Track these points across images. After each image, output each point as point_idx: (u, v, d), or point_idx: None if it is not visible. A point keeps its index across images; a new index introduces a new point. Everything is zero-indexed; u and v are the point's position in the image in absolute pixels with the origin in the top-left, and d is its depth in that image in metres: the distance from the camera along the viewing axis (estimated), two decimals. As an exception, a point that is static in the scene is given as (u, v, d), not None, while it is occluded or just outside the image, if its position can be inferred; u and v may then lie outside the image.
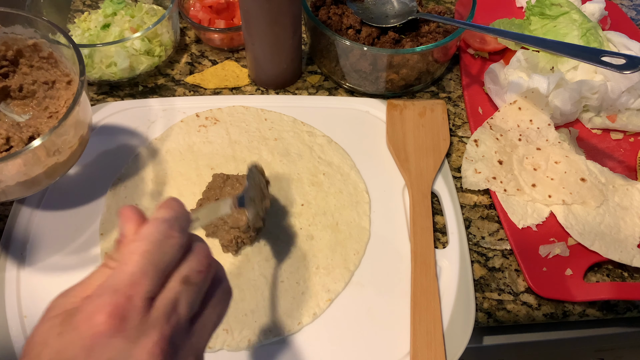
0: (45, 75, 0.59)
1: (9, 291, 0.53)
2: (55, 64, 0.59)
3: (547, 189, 0.60)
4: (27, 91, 0.60)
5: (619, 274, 0.57)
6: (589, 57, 0.53)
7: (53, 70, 0.59)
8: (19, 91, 0.60)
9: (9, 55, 0.58)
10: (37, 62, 0.59)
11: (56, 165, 0.51)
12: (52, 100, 0.59)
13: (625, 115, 0.67)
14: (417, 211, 0.58)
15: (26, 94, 0.60)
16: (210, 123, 0.66)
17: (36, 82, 0.60)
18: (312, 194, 0.60)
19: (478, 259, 0.58)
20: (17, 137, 0.55)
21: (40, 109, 0.60)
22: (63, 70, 0.59)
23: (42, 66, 0.59)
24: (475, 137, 0.65)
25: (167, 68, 0.75)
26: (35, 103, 0.60)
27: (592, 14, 0.75)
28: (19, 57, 0.59)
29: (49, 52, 0.58)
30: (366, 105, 0.69)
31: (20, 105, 0.61)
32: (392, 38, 0.70)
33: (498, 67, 0.70)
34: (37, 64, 0.59)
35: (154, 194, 0.60)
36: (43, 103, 0.60)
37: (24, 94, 0.60)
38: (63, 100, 0.58)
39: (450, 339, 0.50)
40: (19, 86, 0.60)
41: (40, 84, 0.60)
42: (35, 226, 0.57)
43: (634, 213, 0.59)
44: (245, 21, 0.64)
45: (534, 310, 0.55)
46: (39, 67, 0.59)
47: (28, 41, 0.58)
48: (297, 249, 0.56)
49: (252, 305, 0.52)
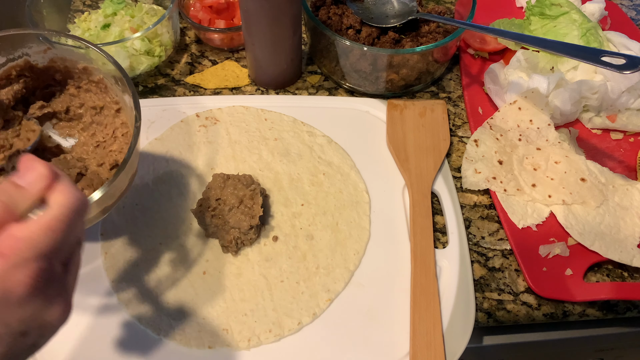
0: (94, 99, 0.57)
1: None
2: (105, 90, 0.56)
3: (547, 189, 0.60)
4: (74, 114, 0.57)
5: (619, 274, 0.57)
6: (589, 57, 0.53)
7: (102, 95, 0.56)
8: (65, 113, 0.57)
9: (57, 76, 0.56)
10: (85, 84, 0.56)
11: (105, 209, 0.49)
12: (100, 127, 0.57)
13: (625, 115, 0.67)
14: (417, 211, 0.58)
15: (72, 117, 0.58)
16: (210, 123, 0.66)
17: (83, 105, 0.57)
18: (312, 194, 0.60)
19: (478, 259, 0.58)
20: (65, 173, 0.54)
21: (87, 134, 0.57)
22: (113, 98, 0.56)
23: (91, 89, 0.57)
24: (475, 137, 0.65)
25: (167, 68, 0.75)
26: (82, 127, 0.57)
27: (592, 14, 0.75)
28: (67, 77, 0.57)
29: (99, 78, 0.55)
30: (366, 105, 0.69)
31: (65, 127, 0.58)
32: (392, 38, 0.70)
33: (498, 67, 0.70)
34: (85, 86, 0.57)
35: (153, 194, 0.60)
36: (90, 129, 0.57)
37: (70, 116, 0.58)
38: (111, 129, 0.56)
39: (450, 339, 0.50)
40: (66, 108, 0.57)
41: (88, 108, 0.57)
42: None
43: (634, 213, 0.59)
44: (245, 21, 0.64)
45: (534, 310, 0.55)
46: (87, 89, 0.57)
47: (78, 64, 0.55)
48: (297, 249, 0.56)
49: (251, 305, 0.52)
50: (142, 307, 0.52)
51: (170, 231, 0.57)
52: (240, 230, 0.55)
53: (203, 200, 0.57)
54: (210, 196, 0.56)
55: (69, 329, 0.50)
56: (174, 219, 0.58)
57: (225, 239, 0.55)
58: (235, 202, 0.55)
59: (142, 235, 0.57)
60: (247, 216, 0.55)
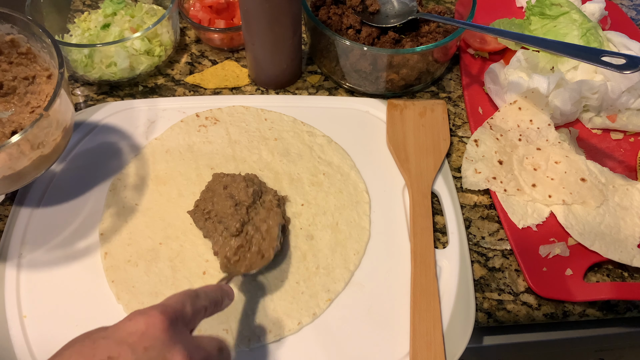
0: (25, 70, 0.59)
1: (9, 291, 0.53)
2: (34, 59, 0.59)
3: (547, 189, 0.60)
4: (8, 88, 0.59)
5: (619, 274, 0.57)
6: (589, 57, 0.53)
7: (32, 65, 0.59)
8: (0, 89, 0.60)
9: None
10: (15, 58, 0.59)
11: (41, 158, 0.51)
12: (34, 96, 0.59)
13: (625, 115, 0.67)
14: (417, 211, 0.58)
15: (7, 91, 0.60)
16: (210, 123, 0.66)
17: (16, 78, 0.59)
18: (312, 194, 0.60)
19: (478, 259, 0.58)
20: (0, 132, 0.55)
21: (22, 104, 0.59)
22: (42, 65, 0.58)
23: (22, 62, 0.59)
24: (475, 137, 0.65)
25: (167, 68, 0.75)
26: (17, 99, 0.60)
27: (592, 14, 0.75)
28: None
29: (27, 48, 0.58)
30: (366, 105, 0.69)
31: (2, 103, 0.60)
32: (392, 38, 0.70)
33: (498, 67, 0.70)
34: (16, 60, 0.59)
35: (153, 194, 0.60)
36: (25, 99, 0.59)
37: (5, 90, 0.60)
38: (44, 95, 0.58)
39: (450, 339, 0.50)
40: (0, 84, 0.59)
41: (20, 79, 0.59)
42: (34, 226, 0.57)
43: (634, 213, 0.59)
44: (245, 21, 0.64)
45: (534, 310, 0.55)
46: (18, 63, 0.59)
47: (5, 37, 0.57)
48: (297, 249, 0.56)
49: (252, 306, 0.52)
50: (142, 307, 0.52)
51: (170, 231, 0.57)
52: (227, 246, 0.52)
53: (200, 202, 0.56)
54: (207, 197, 0.56)
55: (68, 329, 0.50)
56: (174, 220, 0.58)
57: (214, 248, 0.54)
58: (228, 210, 0.53)
59: (142, 235, 0.57)
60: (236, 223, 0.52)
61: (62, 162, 0.63)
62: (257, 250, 0.51)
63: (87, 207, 0.59)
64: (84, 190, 0.60)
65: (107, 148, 0.64)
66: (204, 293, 0.40)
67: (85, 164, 0.63)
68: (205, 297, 0.40)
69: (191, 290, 0.39)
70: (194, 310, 0.38)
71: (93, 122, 0.66)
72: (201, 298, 0.39)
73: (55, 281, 0.54)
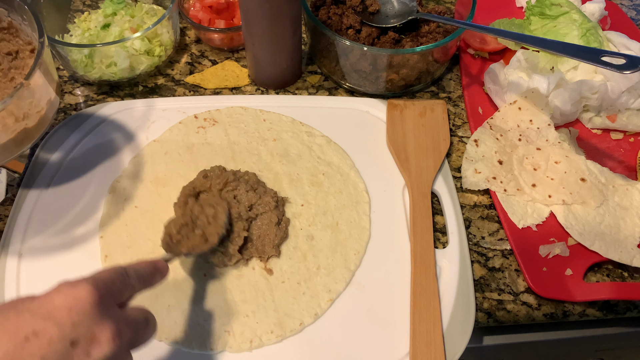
0: (8, 46, 0.58)
1: (9, 292, 0.53)
2: (17, 33, 0.58)
3: (547, 189, 0.60)
4: None
5: (619, 274, 0.57)
6: (589, 57, 0.53)
7: (15, 40, 0.58)
8: None
9: None
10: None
11: (26, 130, 0.50)
12: (18, 71, 0.58)
13: (625, 115, 0.67)
14: (417, 211, 0.58)
15: None
16: (208, 124, 0.66)
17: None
18: (311, 194, 0.60)
19: (478, 259, 0.58)
20: None
21: (6, 80, 0.59)
22: (25, 39, 0.58)
23: (4, 37, 0.58)
24: (475, 137, 0.65)
25: (167, 68, 0.75)
26: (1, 75, 0.59)
27: (592, 14, 0.75)
28: None
29: (9, 22, 0.57)
30: (366, 105, 0.69)
31: None
32: (392, 38, 0.70)
33: (498, 67, 0.70)
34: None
35: (153, 195, 0.60)
36: (9, 74, 0.59)
37: None
38: (28, 69, 0.57)
39: (450, 339, 0.51)
40: None
41: (3, 55, 0.58)
42: (34, 227, 0.57)
43: (634, 213, 0.59)
44: (245, 21, 0.64)
45: (534, 310, 0.55)
46: (0, 38, 0.58)
47: None
48: (297, 249, 0.56)
49: (253, 307, 0.52)
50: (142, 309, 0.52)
51: (170, 232, 0.57)
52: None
53: (180, 201, 0.57)
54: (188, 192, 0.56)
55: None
56: (174, 220, 0.58)
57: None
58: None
59: (142, 237, 0.57)
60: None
61: (61, 163, 0.63)
62: (201, 234, 0.51)
63: (86, 208, 0.59)
64: (82, 191, 0.60)
65: (107, 148, 0.64)
66: (133, 270, 0.39)
67: (85, 165, 0.62)
68: (134, 274, 0.39)
69: (120, 266, 0.38)
70: (122, 286, 0.37)
71: (93, 123, 0.66)
72: (130, 276, 0.38)
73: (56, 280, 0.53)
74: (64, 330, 0.31)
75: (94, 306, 0.33)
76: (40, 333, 0.30)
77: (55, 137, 0.65)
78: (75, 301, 0.32)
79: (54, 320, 0.31)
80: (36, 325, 0.30)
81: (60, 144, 0.64)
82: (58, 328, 0.31)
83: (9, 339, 0.29)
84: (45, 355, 0.30)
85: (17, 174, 0.63)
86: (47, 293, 0.33)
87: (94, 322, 0.32)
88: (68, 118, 0.67)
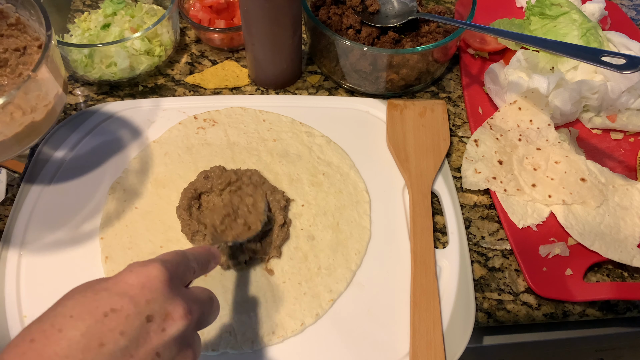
0: (16, 42, 0.58)
1: (9, 292, 0.53)
2: (24, 29, 0.58)
3: (547, 189, 0.60)
4: (0, 60, 0.59)
5: (619, 274, 0.57)
6: (589, 57, 0.53)
7: (23, 36, 0.58)
8: None
9: None
10: (5, 30, 0.58)
11: (33, 124, 0.50)
12: (26, 67, 0.58)
13: (625, 115, 0.67)
14: (417, 211, 0.58)
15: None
16: (208, 125, 0.66)
17: (7, 50, 0.58)
18: (312, 194, 0.60)
19: (478, 259, 0.58)
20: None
21: (15, 76, 0.59)
22: (32, 35, 0.58)
23: (12, 33, 0.58)
24: (475, 137, 0.65)
25: (167, 68, 0.75)
26: (9, 71, 0.59)
27: (592, 14, 0.75)
28: None
29: (16, 18, 0.57)
30: (366, 105, 0.69)
31: None
32: (392, 38, 0.70)
33: (498, 67, 0.70)
34: (6, 32, 0.58)
35: (153, 197, 0.60)
36: (17, 70, 0.59)
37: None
38: None
39: (450, 339, 0.51)
40: None
41: (11, 51, 0.58)
42: (33, 227, 0.57)
43: (634, 213, 0.59)
44: (245, 21, 0.64)
45: (534, 310, 0.55)
46: (8, 34, 0.58)
47: None
48: (298, 250, 0.56)
49: (255, 307, 0.52)
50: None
51: (170, 234, 0.57)
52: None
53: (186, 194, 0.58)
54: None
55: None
56: (174, 223, 0.58)
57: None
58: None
59: (143, 239, 0.57)
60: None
61: (62, 162, 0.63)
62: (244, 222, 0.53)
63: (86, 209, 0.59)
64: (83, 192, 0.60)
65: (107, 149, 0.64)
66: (192, 255, 0.40)
67: (85, 165, 0.62)
68: (193, 258, 0.40)
69: (180, 250, 0.39)
70: (186, 268, 0.38)
71: (93, 123, 0.66)
72: (191, 259, 0.39)
73: (56, 284, 0.54)
74: (140, 306, 0.32)
75: (165, 284, 0.34)
76: (117, 309, 0.31)
77: (56, 136, 0.65)
78: (147, 279, 0.33)
79: (129, 297, 0.32)
80: (113, 303, 0.31)
81: (61, 144, 0.64)
82: (134, 304, 0.32)
83: (90, 315, 0.30)
84: (123, 330, 0.31)
85: (17, 174, 0.63)
86: (120, 273, 0.34)
87: (166, 299, 0.33)
88: (69, 117, 0.67)
